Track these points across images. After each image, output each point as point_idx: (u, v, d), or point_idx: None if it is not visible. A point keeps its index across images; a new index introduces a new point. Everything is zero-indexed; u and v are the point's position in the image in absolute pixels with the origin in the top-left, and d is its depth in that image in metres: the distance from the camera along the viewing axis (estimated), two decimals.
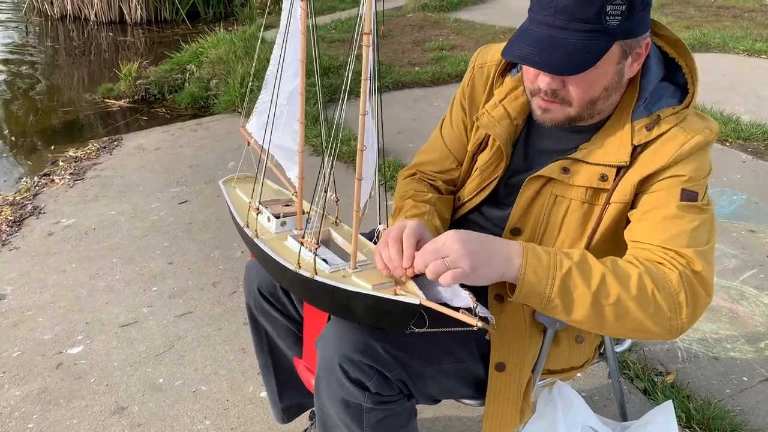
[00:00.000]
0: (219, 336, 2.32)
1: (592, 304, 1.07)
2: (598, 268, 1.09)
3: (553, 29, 1.10)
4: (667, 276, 1.09)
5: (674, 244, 1.12)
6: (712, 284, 1.13)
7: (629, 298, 1.07)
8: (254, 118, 1.56)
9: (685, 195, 1.15)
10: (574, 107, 1.18)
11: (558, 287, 1.07)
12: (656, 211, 1.16)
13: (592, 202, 1.24)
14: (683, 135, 1.17)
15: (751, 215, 3.09)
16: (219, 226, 3.04)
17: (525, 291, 1.08)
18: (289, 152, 1.44)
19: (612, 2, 1.06)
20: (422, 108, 4.52)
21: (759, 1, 7.99)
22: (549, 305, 1.09)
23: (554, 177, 1.25)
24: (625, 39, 1.11)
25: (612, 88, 1.18)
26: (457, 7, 7.58)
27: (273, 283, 1.47)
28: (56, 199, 3.38)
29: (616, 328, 1.10)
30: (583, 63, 1.09)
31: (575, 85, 1.15)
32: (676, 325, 1.09)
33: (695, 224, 1.14)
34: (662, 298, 1.07)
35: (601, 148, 1.22)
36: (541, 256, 1.08)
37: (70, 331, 2.35)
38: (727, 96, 4.60)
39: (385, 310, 1.13)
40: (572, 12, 1.07)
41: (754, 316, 2.39)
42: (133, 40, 7.45)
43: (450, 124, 1.46)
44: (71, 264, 2.78)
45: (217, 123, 4.51)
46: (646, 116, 1.20)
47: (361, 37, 1.07)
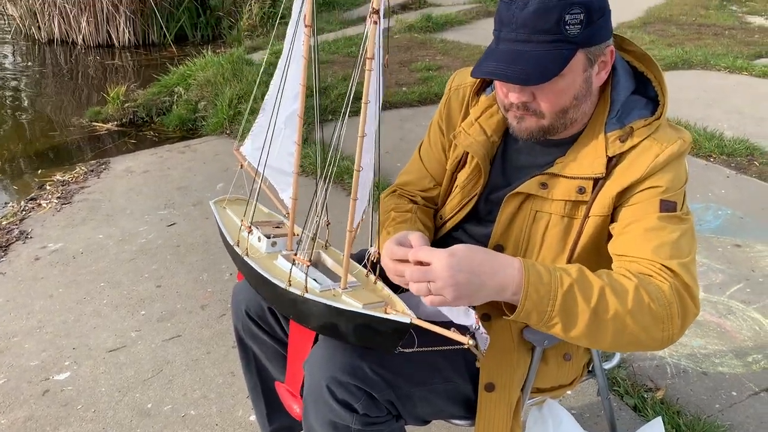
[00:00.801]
0: (208, 359, 2.30)
1: (591, 319, 1.08)
2: (597, 283, 1.09)
3: (517, 44, 1.14)
4: (660, 288, 1.11)
5: (658, 256, 1.14)
6: (698, 296, 1.15)
7: (626, 313, 1.08)
8: (249, 141, 1.57)
9: (664, 206, 1.18)
10: (547, 118, 1.21)
11: (560, 305, 1.07)
12: (637, 224, 1.18)
13: (571, 215, 1.25)
14: (657, 146, 1.19)
15: (737, 230, 3.12)
16: (207, 248, 3.04)
17: (527, 309, 1.08)
18: (284, 174, 1.45)
19: (570, 11, 1.11)
20: (410, 128, 4.54)
21: (739, 19, 8.13)
22: (549, 323, 1.09)
23: (533, 193, 1.27)
24: (588, 47, 1.15)
25: (581, 97, 1.21)
26: (443, 28, 7.66)
27: (261, 305, 1.46)
28: (43, 223, 3.36)
29: (611, 342, 1.11)
30: (547, 71, 1.13)
31: (545, 96, 1.18)
32: (668, 335, 1.11)
33: (676, 235, 1.16)
34: (657, 310, 1.09)
35: (576, 162, 1.24)
36: (542, 273, 1.09)
37: (57, 356, 2.33)
38: (709, 112, 4.66)
39: (375, 329, 1.13)
40: (533, 24, 1.12)
41: (741, 330, 2.40)
42: (120, 64, 7.47)
43: (428, 145, 1.50)
44: (58, 289, 2.76)
45: (205, 145, 4.51)
46: (619, 128, 1.23)
47: (365, 61, 1.09)
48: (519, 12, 1.12)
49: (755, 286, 2.67)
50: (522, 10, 1.12)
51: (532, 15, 1.11)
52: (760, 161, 3.86)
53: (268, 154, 1.40)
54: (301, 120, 1.33)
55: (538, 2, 1.11)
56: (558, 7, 1.10)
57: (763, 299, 2.58)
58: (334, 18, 8.25)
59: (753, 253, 2.92)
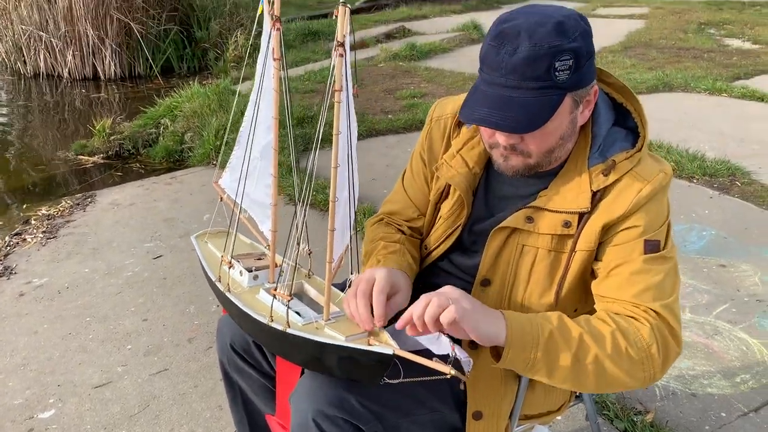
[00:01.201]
0: (195, 393, 2.28)
1: (573, 365, 1.12)
2: (576, 330, 1.14)
3: (507, 89, 1.14)
4: (639, 330, 1.15)
5: (643, 299, 1.18)
6: (681, 336, 1.19)
7: (605, 357, 1.12)
8: (227, 173, 1.57)
9: (648, 246, 1.20)
10: (534, 157, 1.22)
11: (542, 353, 1.11)
12: (622, 267, 1.21)
13: (558, 249, 1.26)
14: (639, 182, 1.21)
15: (721, 250, 3.15)
16: (194, 280, 3.02)
17: (511, 356, 1.11)
18: (262, 206, 1.46)
19: (560, 59, 1.11)
20: (396, 154, 4.57)
21: (717, 42, 8.29)
22: (533, 369, 1.13)
23: (519, 227, 1.27)
24: (576, 90, 1.16)
25: (567, 137, 1.23)
26: (427, 56, 7.74)
27: (246, 338, 1.46)
28: (28, 258, 3.34)
29: (593, 386, 1.15)
30: (538, 120, 1.13)
31: (532, 139, 1.19)
32: (649, 376, 1.16)
33: (660, 277, 1.19)
34: (635, 353, 1.13)
35: (561, 196, 1.25)
36: (524, 323, 1.13)
37: (41, 394, 2.30)
38: (691, 134, 4.73)
39: (358, 361, 1.13)
40: (522, 72, 1.12)
41: (728, 350, 2.41)
42: (107, 96, 7.48)
43: (411, 176, 1.50)
44: (43, 325, 2.73)
45: (191, 176, 4.51)
46: (602, 162, 1.24)
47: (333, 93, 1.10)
48: (509, 58, 1.12)
49: (741, 306, 2.68)
50: (512, 56, 1.11)
51: (522, 62, 1.11)
52: (741, 181, 3.91)
53: (245, 186, 1.40)
54: (276, 152, 1.34)
55: (529, 49, 1.10)
56: (548, 55, 1.10)
57: (749, 319, 2.60)
58: (319, 48, 8.33)
59: (738, 273, 2.94)
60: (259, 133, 1.39)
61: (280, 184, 4.24)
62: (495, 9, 11.38)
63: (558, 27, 1.11)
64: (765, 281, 2.87)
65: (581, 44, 1.13)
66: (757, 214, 3.53)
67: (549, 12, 1.15)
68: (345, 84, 1.09)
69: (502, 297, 1.31)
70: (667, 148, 4.34)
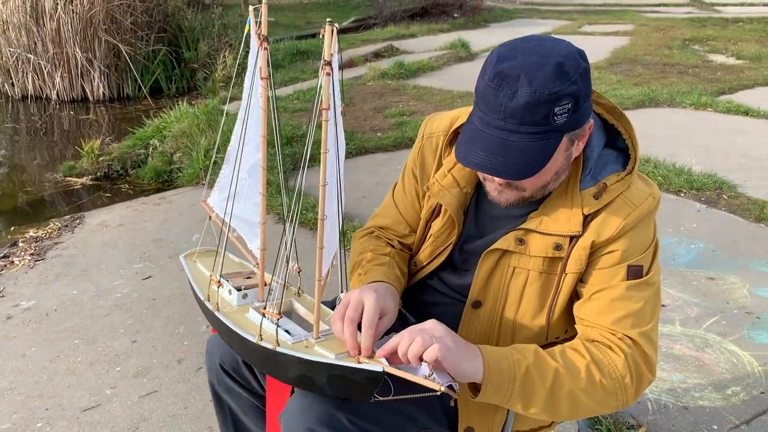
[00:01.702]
0: (185, 415, 2.25)
1: (548, 398, 1.15)
2: (551, 365, 1.16)
3: (504, 132, 1.13)
4: (613, 361, 1.18)
5: (621, 326, 1.20)
6: (655, 364, 1.23)
7: (579, 390, 1.15)
8: (215, 192, 1.57)
9: (631, 272, 1.22)
10: (528, 192, 1.24)
11: (518, 389, 1.14)
12: (604, 292, 1.22)
13: (549, 271, 1.27)
14: (627, 207, 1.23)
15: (710, 263, 3.17)
16: (183, 301, 3.00)
17: (488, 394, 1.14)
18: (251, 224, 1.45)
19: (559, 104, 1.10)
20: (385, 172, 4.59)
21: (702, 57, 8.40)
22: (510, 403, 1.16)
23: (510, 249, 1.28)
24: (573, 131, 1.16)
25: (561, 171, 1.24)
26: (415, 74, 7.80)
27: (236, 358, 1.45)
28: (15, 281, 3.31)
29: (566, 416, 1.20)
30: (536, 165, 1.13)
31: (528, 179, 1.19)
32: (621, 403, 1.19)
33: (640, 304, 1.21)
34: (609, 384, 1.17)
35: (553, 219, 1.26)
36: (500, 361, 1.14)
37: (29, 418, 2.27)
38: (678, 149, 4.77)
39: (348, 379, 1.12)
40: (521, 117, 1.11)
41: (719, 363, 2.42)
42: (95, 118, 7.47)
43: (403, 191, 1.50)
44: (31, 348, 2.70)
45: (180, 196, 4.50)
46: (593, 185, 1.25)
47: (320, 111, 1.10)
48: (507, 101, 1.10)
49: (730, 318, 2.69)
50: (511, 100, 1.10)
51: (522, 108, 1.09)
52: (728, 194, 3.94)
53: (233, 205, 1.40)
54: (264, 171, 1.34)
55: (529, 95, 1.08)
56: (549, 102, 1.09)
57: (739, 331, 2.61)
58: (307, 67, 8.37)
59: (726, 286, 2.96)
60: (248, 152, 1.39)
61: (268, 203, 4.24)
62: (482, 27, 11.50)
63: (557, 70, 1.09)
64: (753, 293, 2.88)
65: (580, 86, 1.12)
66: (744, 227, 3.55)
67: (547, 49, 1.12)
68: (332, 102, 1.10)
69: (493, 319, 1.31)
70: (654, 163, 4.38)
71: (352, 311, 1.18)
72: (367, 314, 1.17)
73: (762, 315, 2.71)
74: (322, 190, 1.14)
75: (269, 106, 1.28)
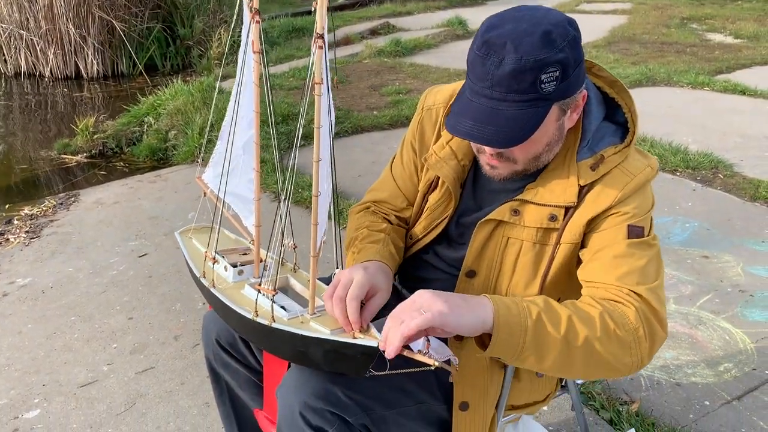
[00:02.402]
0: (182, 391, 2.27)
1: (562, 348, 1.08)
2: (564, 312, 1.10)
3: (492, 101, 1.13)
4: (625, 313, 1.12)
5: (627, 282, 1.16)
6: (665, 320, 1.17)
7: (595, 339, 1.08)
8: (210, 168, 1.56)
9: (632, 231, 1.20)
10: (520, 164, 1.23)
11: (531, 335, 1.06)
12: (606, 250, 1.20)
13: (543, 242, 1.26)
14: (625, 177, 1.22)
15: (704, 241, 3.18)
16: (180, 278, 3.01)
17: (500, 343, 1.06)
18: (245, 201, 1.45)
19: (546, 71, 1.09)
20: (381, 151, 4.57)
21: (699, 36, 8.36)
22: (522, 355, 1.07)
23: (504, 219, 1.28)
24: (563, 99, 1.15)
25: (554, 143, 1.23)
26: (412, 52, 7.74)
27: (232, 334, 1.45)
28: (11, 258, 3.31)
29: (582, 370, 1.12)
30: (523, 133, 1.13)
31: (518, 148, 1.19)
32: (637, 360, 1.12)
33: (644, 261, 1.18)
34: (624, 335, 1.10)
35: (548, 189, 1.25)
36: (509, 306, 1.08)
37: (26, 394, 2.28)
38: (675, 128, 4.77)
39: (344, 354, 1.13)
40: (508, 84, 1.10)
41: (712, 340, 2.44)
42: (89, 95, 7.42)
43: (401, 164, 1.49)
44: (27, 325, 2.71)
45: (176, 174, 4.49)
46: (590, 156, 1.24)
47: (313, 86, 1.09)
48: (494, 69, 1.10)
49: (724, 296, 2.71)
50: (497, 68, 1.10)
51: (508, 75, 1.09)
52: (724, 174, 3.95)
53: (227, 182, 1.40)
54: (258, 146, 1.34)
55: (514, 62, 1.08)
56: (534, 69, 1.08)
57: (732, 309, 2.63)
58: (303, 44, 8.31)
59: (721, 264, 2.97)
60: (241, 128, 1.38)
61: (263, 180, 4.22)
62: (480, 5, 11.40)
63: (545, 37, 1.09)
64: (747, 272, 2.90)
65: (568, 54, 1.11)
66: (739, 206, 3.56)
67: (537, 18, 1.12)
68: (325, 77, 1.09)
69: (487, 288, 1.31)
70: (651, 142, 4.38)
71: (340, 290, 1.18)
72: (352, 290, 1.17)
73: (755, 293, 2.73)
74: (315, 166, 1.13)
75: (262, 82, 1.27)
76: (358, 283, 1.18)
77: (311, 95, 1.10)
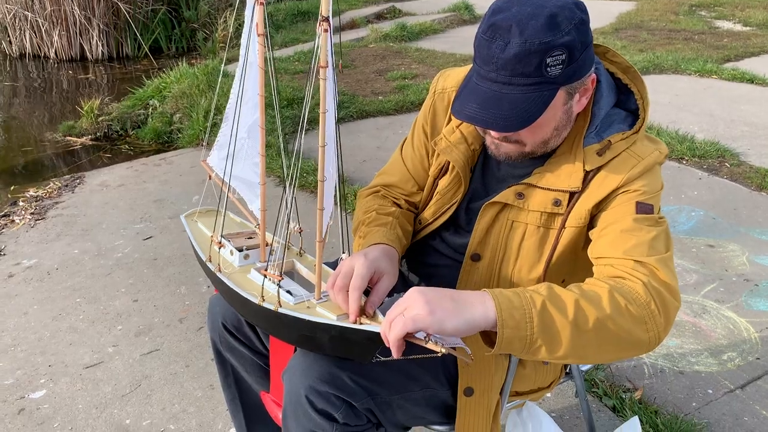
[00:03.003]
0: (187, 373, 2.28)
1: (573, 334, 1.02)
2: (569, 296, 1.05)
3: (497, 85, 1.12)
4: (634, 289, 1.08)
5: (635, 254, 1.12)
6: (677, 290, 1.12)
7: (606, 318, 1.03)
8: (215, 151, 1.56)
9: (640, 207, 1.17)
10: (528, 146, 1.22)
11: (538, 326, 1.01)
12: (614, 226, 1.18)
13: (547, 226, 1.26)
14: (633, 159, 1.20)
15: (710, 230, 3.17)
16: (185, 261, 3.01)
17: (507, 337, 1.01)
18: (250, 185, 1.44)
19: (551, 54, 1.08)
20: (387, 136, 4.56)
21: (708, 24, 8.29)
22: (533, 347, 1.02)
23: (509, 202, 1.27)
24: (570, 83, 1.14)
25: (562, 127, 1.22)
26: (418, 37, 7.70)
27: (238, 317, 1.46)
28: (17, 239, 3.32)
29: (598, 353, 1.07)
30: (528, 117, 1.12)
31: (525, 131, 1.18)
32: (654, 335, 1.07)
33: (653, 234, 1.15)
34: (636, 310, 1.05)
35: (554, 174, 1.25)
36: (511, 299, 1.03)
37: (32, 374, 2.30)
38: (681, 116, 4.74)
39: (349, 339, 1.13)
40: (513, 68, 1.10)
41: (716, 329, 2.44)
42: (94, 77, 7.40)
43: (412, 148, 1.48)
44: (33, 306, 2.72)
45: (181, 157, 4.49)
46: (597, 142, 1.23)
47: (318, 70, 1.09)
48: (499, 53, 1.09)
49: (728, 286, 2.71)
50: (502, 51, 1.09)
51: (513, 59, 1.08)
52: (730, 163, 3.93)
53: (232, 165, 1.39)
54: (263, 130, 1.33)
55: (519, 45, 1.07)
56: (540, 52, 1.07)
57: (737, 298, 2.62)
58: (309, 28, 8.26)
59: (726, 253, 2.97)
60: (246, 111, 1.37)
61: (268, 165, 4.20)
62: None
63: (550, 21, 1.08)
64: (752, 261, 2.89)
65: (574, 37, 1.10)
66: (745, 195, 3.55)
67: (543, 1, 1.11)
68: (330, 61, 1.08)
69: (492, 271, 1.31)
70: (657, 130, 4.36)
71: (341, 280, 1.17)
72: (354, 280, 1.16)
73: (760, 282, 2.72)
74: (321, 150, 1.13)
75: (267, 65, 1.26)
76: (359, 274, 1.16)
77: (317, 79, 1.09)
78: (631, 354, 1.09)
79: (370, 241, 1.32)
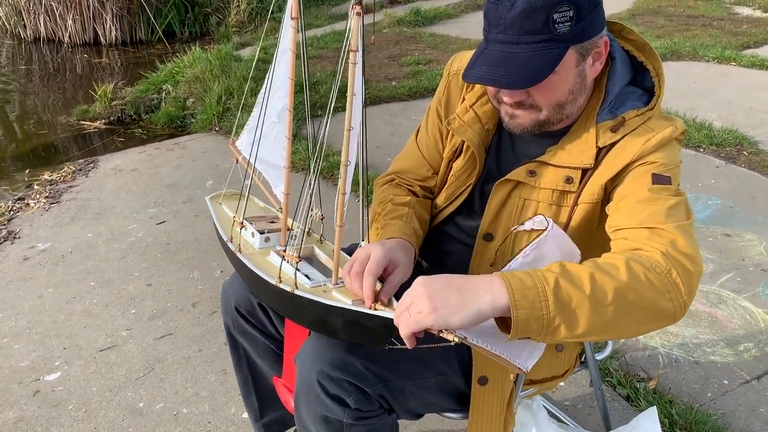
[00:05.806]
0: (200, 357, 2.29)
1: (593, 309, 0.97)
2: (584, 271, 1.00)
3: (506, 45, 1.13)
4: (652, 257, 1.03)
5: (652, 221, 1.08)
6: (699, 257, 1.06)
7: (625, 288, 0.98)
8: (245, 134, 1.56)
9: (657, 179, 1.14)
10: (544, 111, 1.20)
11: (554, 303, 0.96)
12: (629, 197, 1.15)
13: (559, 203, 1.25)
14: (648, 133, 1.18)
15: (727, 219, 3.13)
16: (198, 246, 3.02)
17: (522, 319, 0.95)
18: (277, 169, 1.44)
19: (558, 10, 1.09)
20: (400, 122, 4.53)
21: (727, 10, 8.16)
22: (551, 327, 0.97)
23: (521, 180, 1.26)
24: (580, 42, 1.13)
25: (577, 91, 1.20)
26: (432, 22, 7.64)
27: (251, 301, 1.45)
28: (31, 223, 3.34)
29: (622, 327, 1.01)
30: (538, 74, 1.11)
31: (539, 93, 1.17)
32: (679, 304, 1.02)
33: (671, 203, 1.11)
34: (656, 279, 1.00)
35: (566, 151, 1.23)
36: (523, 279, 0.98)
37: (47, 357, 2.31)
38: (699, 103, 4.67)
39: (364, 325, 1.13)
40: (520, 25, 1.10)
41: (732, 319, 2.41)
42: (108, 62, 7.41)
43: (426, 132, 1.47)
44: (47, 289, 2.74)
45: (194, 142, 4.49)
46: (611, 119, 1.22)
47: (348, 53, 1.08)
48: (506, 13, 1.10)
49: (745, 275, 2.68)
50: (509, 11, 1.10)
51: (519, 16, 1.09)
52: (749, 151, 3.88)
53: (258, 149, 1.39)
54: (291, 114, 1.32)
55: (525, 2, 1.08)
56: (545, 7, 1.08)
57: (753, 288, 2.59)
58: (322, 13, 8.22)
59: (743, 243, 2.93)
60: (277, 96, 1.37)
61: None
62: None
63: None
64: None
65: None
66: (763, 184, 3.50)
67: None
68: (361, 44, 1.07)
69: (504, 251, 1.29)
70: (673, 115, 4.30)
71: (357, 266, 1.15)
72: (369, 265, 1.14)
73: None
74: (346, 134, 1.12)
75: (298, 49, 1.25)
76: (375, 259, 1.15)
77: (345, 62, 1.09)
78: (657, 325, 1.04)
79: (386, 234, 1.31)
